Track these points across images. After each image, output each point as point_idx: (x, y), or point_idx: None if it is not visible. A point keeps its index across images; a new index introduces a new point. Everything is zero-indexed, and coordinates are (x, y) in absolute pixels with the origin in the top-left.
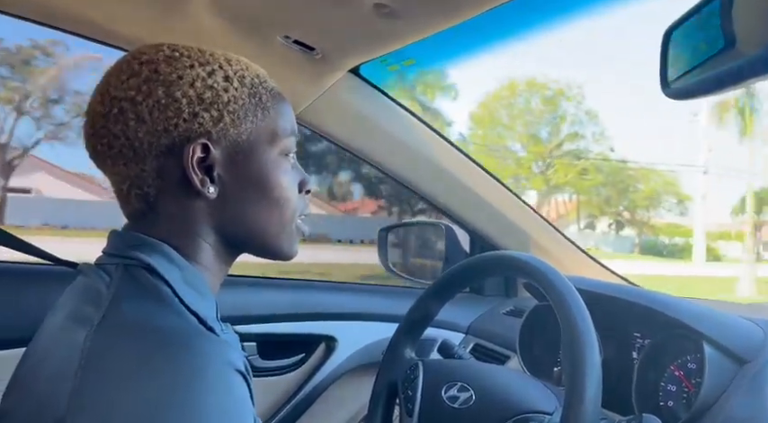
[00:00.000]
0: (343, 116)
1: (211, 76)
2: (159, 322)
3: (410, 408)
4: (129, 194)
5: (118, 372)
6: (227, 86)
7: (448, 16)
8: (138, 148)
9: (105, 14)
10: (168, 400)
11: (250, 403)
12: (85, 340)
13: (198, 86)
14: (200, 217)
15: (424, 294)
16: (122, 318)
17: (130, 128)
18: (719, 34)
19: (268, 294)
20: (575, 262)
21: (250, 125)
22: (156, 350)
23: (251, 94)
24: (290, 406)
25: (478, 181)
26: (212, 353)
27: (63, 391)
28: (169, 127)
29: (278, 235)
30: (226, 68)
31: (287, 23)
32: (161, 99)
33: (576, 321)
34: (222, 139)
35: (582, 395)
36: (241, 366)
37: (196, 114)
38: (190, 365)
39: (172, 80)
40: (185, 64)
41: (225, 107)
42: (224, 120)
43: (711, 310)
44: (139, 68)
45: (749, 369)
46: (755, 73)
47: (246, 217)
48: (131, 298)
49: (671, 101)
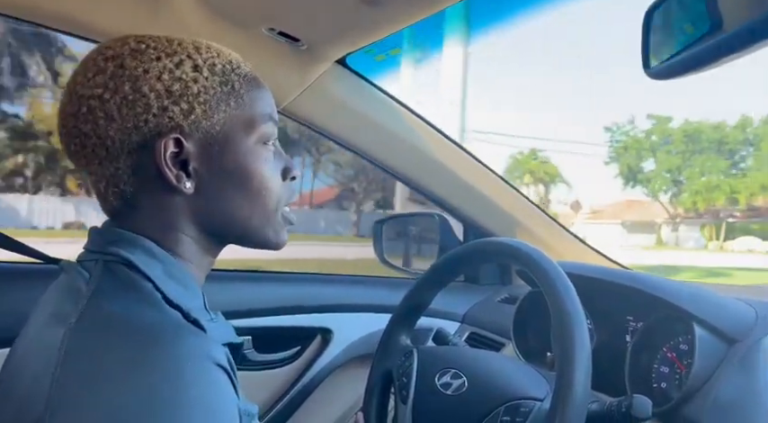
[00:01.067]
0: (331, 107)
1: (179, 67)
2: (137, 319)
3: (404, 395)
4: (107, 192)
5: (95, 370)
6: (197, 76)
7: (429, 3)
8: (110, 147)
9: (87, 9)
10: (147, 396)
11: (233, 396)
12: (63, 339)
13: (165, 79)
14: (180, 211)
15: (416, 283)
16: (100, 315)
17: (100, 126)
18: (705, 15)
19: (262, 288)
20: (567, 247)
21: (223, 115)
22: (134, 347)
23: (222, 82)
24: (286, 399)
25: (469, 169)
26: (191, 347)
27: (41, 391)
28: (139, 123)
29: (262, 226)
30: (195, 57)
31: (271, 15)
32: (128, 95)
33: (564, 304)
34: (195, 131)
35: (571, 378)
36: (222, 360)
37: (165, 108)
38: (168, 361)
39: (138, 74)
40: (151, 56)
41: (195, 99)
42: (195, 112)
43: (702, 291)
44: (105, 65)
45: (739, 348)
46: (734, 49)
47: (227, 209)
48: (110, 295)
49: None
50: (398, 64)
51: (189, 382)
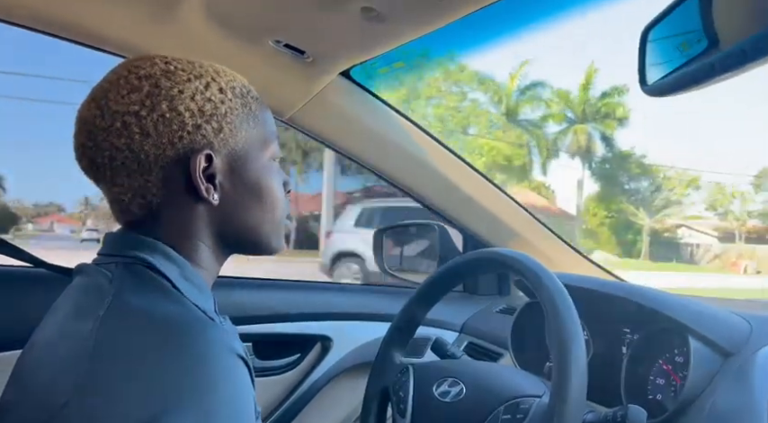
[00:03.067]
0: (335, 119)
1: (208, 89)
2: (164, 311)
3: (402, 408)
4: (131, 204)
5: (124, 358)
6: (223, 98)
7: (433, 19)
8: (143, 161)
9: (96, 20)
10: (179, 378)
11: (251, 388)
12: (92, 330)
13: (198, 100)
14: (201, 221)
15: (410, 300)
16: (128, 308)
17: (135, 141)
18: (702, 34)
19: (263, 295)
20: (565, 259)
21: (245, 134)
22: (165, 335)
23: (243, 103)
24: (285, 406)
25: (469, 180)
26: (215, 338)
27: (69, 378)
28: (174, 139)
29: (270, 234)
30: (218, 80)
31: (277, 27)
32: (165, 113)
33: (561, 315)
34: (222, 148)
35: (567, 387)
36: (242, 353)
37: (199, 126)
38: (198, 347)
39: (174, 94)
40: (183, 78)
41: (223, 118)
42: (224, 131)
43: (698, 304)
44: (139, 83)
45: (734, 361)
46: (729, 68)
47: (244, 219)
48: (134, 290)
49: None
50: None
51: (214, 368)
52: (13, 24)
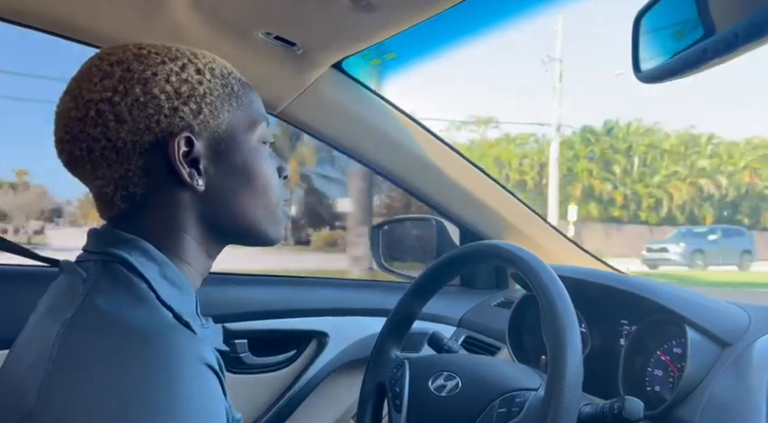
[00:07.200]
0: (327, 111)
1: (184, 71)
2: (131, 317)
3: (398, 404)
4: (115, 196)
5: (86, 365)
6: (201, 79)
7: (425, 7)
8: (121, 149)
9: (83, 15)
10: (135, 389)
11: (221, 397)
12: (58, 334)
13: (173, 81)
14: (188, 211)
15: (405, 294)
16: (94, 312)
17: (111, 129)
18: (697, 22)
19: (258, 291)
20: (562, 251)
21: (227, 115)
22: (125, 344)
23: (223, 84)
24: (282, 402)
25: (464, 173)
26: (182, 347)
27: (35, 383)
28: (151, 124)
29: (264, 221)
30: (195, 62)
31: (267, 19)
32: (139, 97)
33: (556, 306)
34: (204, 131)
35: (563, 372)
36: (212, 361)
37: (176, 109)
38: (158, 357)
39: (147, 77)
40: (156, 61)
41: (202, 99)
42: (203, 112)
43: (696, 295)
44: (111, 69)
45: (732, 352)
46: (721, 52)
47: (234, 206)
48: (105, 293)
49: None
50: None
51: (177, 378)
52: (4, 21)
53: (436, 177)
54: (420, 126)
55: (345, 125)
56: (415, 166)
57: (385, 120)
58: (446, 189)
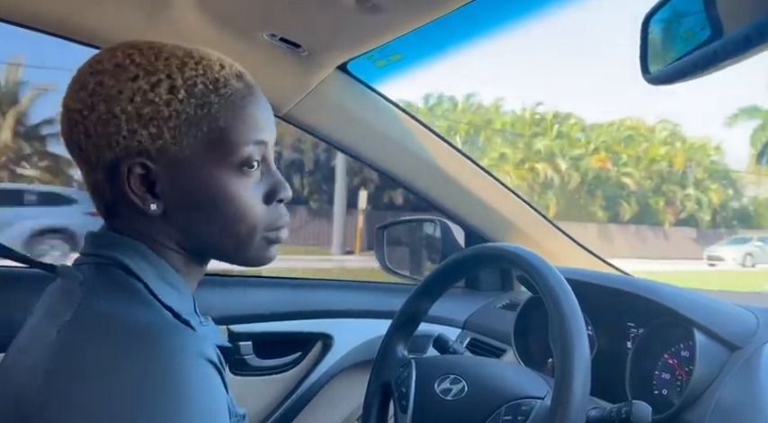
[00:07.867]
0: (332, 113)
1: (154, 89)
2: (130, 316)
3: (404, 404)
4: (94, 198)
5: (87, 366)
6: (170, 99)
7: (431, 8)
8: (88, 160)
9: (86, 15)
10: (138, 390)
11: (222, 392)
12: (56, 337)
13: (137, 102)
14: (155, 227)
15: (412, 294)
16: (92, 314)
17: (81, 140)
18: (705, 24)
19: (263, 293)
20: (568, 253)
21: (193, 140)
22: (125, 343)
23: (198, 105)
24: (287, 404)
25: (470, 175)
26: (183, 345)
27: (33, 387)
28: (111, 143)
29: (240, 247)
30: (174, 77)
31: (272, 21)
32: (102, 114)
33: (563, 309)
34: (162, 156)
35: (570, 382)
36: (214, 358)
37: (134, 132)
38: (158, 355)
39: (113, 95)
40: (129, 76)
41: (165, 123)
42: (163, 137)
43: (703, 297)
44: (87, 80)
45: (741, 355)
46: (732, 54)
47: (198, 231)
48: (103, 295)
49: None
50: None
51: (178, 374)
52: (5, 22)
53: (441, 178)
54: (425, 128)
55: (351, 127)
56: (422, 168)
57: (390, 122)
58: (451, 190)
